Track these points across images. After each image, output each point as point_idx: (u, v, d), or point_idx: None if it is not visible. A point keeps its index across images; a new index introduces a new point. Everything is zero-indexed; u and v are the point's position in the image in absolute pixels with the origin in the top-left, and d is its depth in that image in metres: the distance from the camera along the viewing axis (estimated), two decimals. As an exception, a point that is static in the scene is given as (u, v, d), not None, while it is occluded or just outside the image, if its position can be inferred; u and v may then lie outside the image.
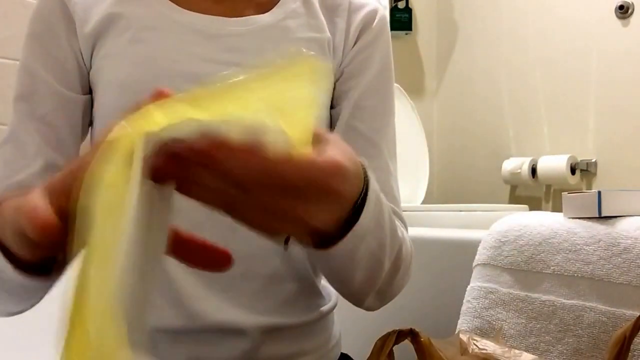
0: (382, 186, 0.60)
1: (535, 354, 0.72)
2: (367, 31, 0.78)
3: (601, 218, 0.82)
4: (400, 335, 0.60)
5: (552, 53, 2.01)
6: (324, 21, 0.77)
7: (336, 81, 0.78)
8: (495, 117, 2.18)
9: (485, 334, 0.86)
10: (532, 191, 2.08)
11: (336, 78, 0.77)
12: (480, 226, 1.09)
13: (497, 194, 2.16)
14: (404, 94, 1.99)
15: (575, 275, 0.81)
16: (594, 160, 1.89)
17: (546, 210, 1.99)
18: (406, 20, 2.30)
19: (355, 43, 0.78)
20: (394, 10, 2.28)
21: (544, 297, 0.83)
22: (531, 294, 0.85)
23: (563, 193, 0.89)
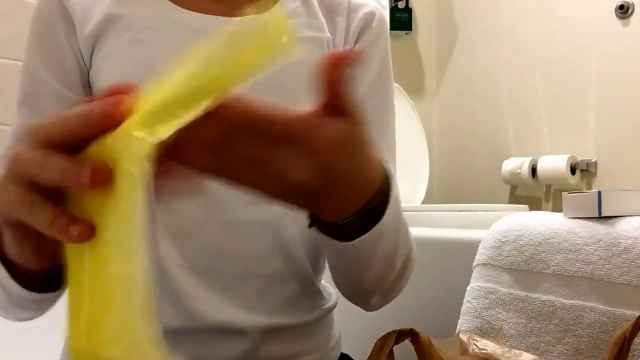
0: None
1: (535, 354, 0.72)
2: (367, 32, 0.78)
3: (601, 218, 0.82)
4: (400, 335, 0.60)
5: (552, 53, 2.01)
6: (324, 21, 0.77)
7: None
8: (495, 117, 2.18)
9: (485, 334, 0.86)
10: (532, 191, 2.08)
11: None
12: (480, 226, 1.09)
13: (497, 194, 2.16)
14: (404, 94, 1.99)
15: (576, 275, 0.81)
16: (594, 160, 1.89)
17: (546, 210, 1.99)
18: (406, 20, 2.30)
19: (355, 43, 0.78)
20: (394, 10, 2.28)
21: (544, 297, 0.83)
22: (531, 294, 0.85)
23: (563, 193, 0.89)
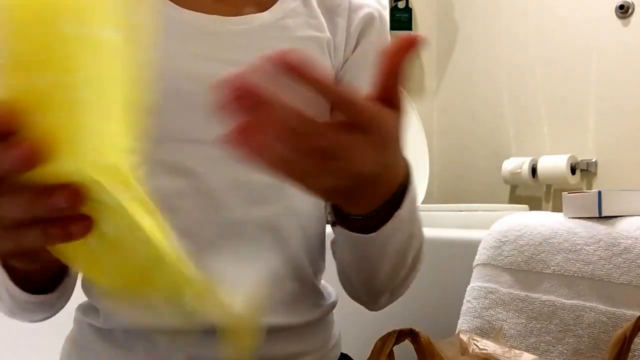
0: None
1: (535, 354, 0.71)
2: (367, 32, 0.78)
3: (601, 218, 0.82)
4: (400, 335, 0.60)
5: (552, 53, 2.01)
6: (324, 21, 0.77)
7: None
8: (495, 117, 2.18)
9: (486, 334, 0.86)
10: (532, 191, 2.08)
11: (336, 75, 0.77)
12: (480, 226, 1.09)
13: (497, 194, 2.16)
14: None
15: (576, 275, 0.81)
16: (594, 160, 1.89)
17: (546, 210, 1.99)
18: (406, 20, 2.30)
19: (356, 47, 0.78)
20: (394, 9, 2.28)
21: (544, 297, 0.83)
22: (531, 294, 0.85)
23: (563, 193, 0.89)
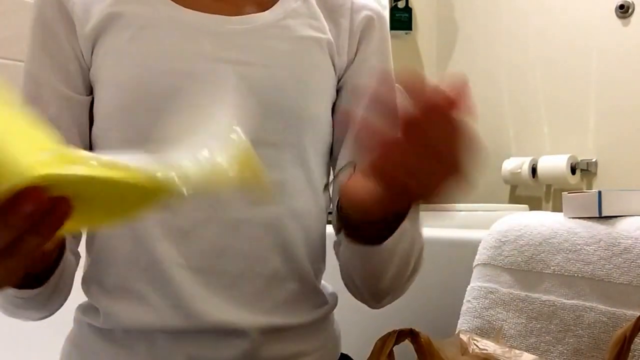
0: None
1: (535, 354, 0.71)
2: (368, 37, 0.79)
3: (601, 218, 0.82)
4: (400, 335, 0.60)
5: (552, 53, 2.01)
6: (325, 23, 0.77)
7: (339, 83, 0.78)
8: (495, 117, 2.18)
9: (486, 334, 0.86)
10: (532, 191, 2.08)
11: (339, 77, 0.78)
12: (480, 226, 1.09)
13: (497, 193, 2.16)
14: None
15: (576, 275, 0.81)
16: (594, 160, 1.89)
17: (546, 210, 1.99)
18: (406, 20, 2.30)
19: (357, 50, 0.78)
20: (393, 9, 2.28)
21: (544, 297, 0.83)
22: (531, 294, 0.85)
23: (563, 193, 0.89)
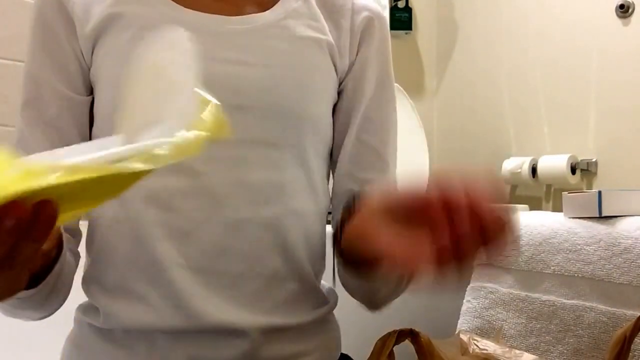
0: None
1: (535, 354, 0.71)
2: (368, 38, 0.79)
3: (601, 218, 0.82)
4: (400, 335, 0.60)
5: (552, 53, 2.00)
6: (325, 23, 0.77)
7: (340, 85, 0.78)
8: (495, 117, 2.18)
9: (486, 334, 0.86)
10: (532, 191, 2.08)
11: (341, 79, 0.78)
12: (480, 226, 1.09)
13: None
14: (404, 93, 1.99)
15: (576, 275, 0.81)
16: (594, 160, 1.89)
17: (546, 210, 1.99)
18: (406, 20, 2.30)
19: (358, 51, 0.78)
20: (393, 9, 2.28)
21: (544, 297, 0.83)
22: (531, 294, 0.85)
23: (563, 193, 0.89)
